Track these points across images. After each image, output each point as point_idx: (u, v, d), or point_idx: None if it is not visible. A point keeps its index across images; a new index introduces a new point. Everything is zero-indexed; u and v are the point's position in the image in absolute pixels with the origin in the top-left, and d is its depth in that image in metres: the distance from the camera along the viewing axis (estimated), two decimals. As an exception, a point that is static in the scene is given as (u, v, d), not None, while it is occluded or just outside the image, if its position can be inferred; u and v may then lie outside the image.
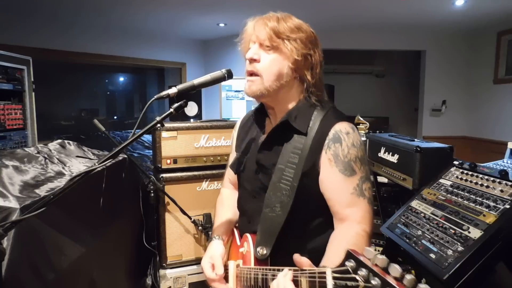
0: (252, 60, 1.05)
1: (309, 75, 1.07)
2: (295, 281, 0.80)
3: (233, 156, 1.28)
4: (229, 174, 1.35)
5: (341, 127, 1.04)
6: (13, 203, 1.00)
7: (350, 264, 0.63)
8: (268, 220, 1.04)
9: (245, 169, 1.19)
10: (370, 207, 1.03)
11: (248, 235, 1.12)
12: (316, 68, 1.08)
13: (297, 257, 0.85)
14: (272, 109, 1.14)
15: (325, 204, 1.05)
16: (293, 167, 1.02)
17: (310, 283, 0.73)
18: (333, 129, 1.03)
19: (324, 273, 0.68)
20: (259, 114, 1.21)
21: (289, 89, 1.08)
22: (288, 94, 1.09)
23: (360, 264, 0.61)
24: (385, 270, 0.57)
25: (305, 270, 0.77)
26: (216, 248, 1.16)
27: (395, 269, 0.55)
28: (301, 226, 1.07)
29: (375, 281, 0.56)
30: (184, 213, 2.08)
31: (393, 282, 0.54)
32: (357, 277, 0.60)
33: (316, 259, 0.93)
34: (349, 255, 0.64)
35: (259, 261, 1.02)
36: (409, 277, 0.53)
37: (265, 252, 1.01)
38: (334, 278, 0.66)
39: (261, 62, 1.04)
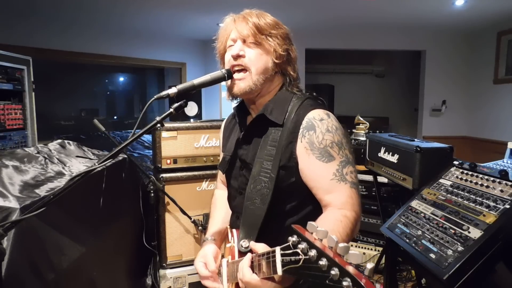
0: (238, 57, 1.06)
1: (291, 69, 1.11)
2: (259, 265, 0.83)
3: (221, 157, 1.30)
4: (220, 175, 1.37)
5: (315, 114, 1.04)
6: (13, 203, 1.00)
7: (292, 239, 0.69)
8: (249, 213, 1.04)
9: (231, 167, 1.21)
10: (353, 191, 1.01)
11: (234, 230, 1.13)
12: (295, 63, 1.13)
13: (252, 244, 0.92)
14: (253, 103, 1.15)
15: (310, 194, 1.05)
16: (271, 159, 1.03)
17: (267, 264, 0.79)
18: (307, 117, 1.03)
19: (275, 251, 0.76)
20: (241, 112, 1.22)
21: (270, 83, 1.10)
22: (269, 88, 1.11)
23: (302, 239, 0.67)
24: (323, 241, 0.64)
25: (263, 253, 0.83)
26: (208, 247, 1.17)
27: (331, 239, 0.61)
28: (284, 217, 1.07)
29: (312, 253, 0.63)
30: (184, 213, 2.08)
31: (328, 252, 0.60)
32: (298, 251, 0.66)
33: None
34: (293, 231, 0.70)
35: (243, 254, 1.01)
36: (342, 245, 0.59)
37: (247, 245, 1.01)
38: (282, 255, 0.73)
39: (246, 57, 1.06)
